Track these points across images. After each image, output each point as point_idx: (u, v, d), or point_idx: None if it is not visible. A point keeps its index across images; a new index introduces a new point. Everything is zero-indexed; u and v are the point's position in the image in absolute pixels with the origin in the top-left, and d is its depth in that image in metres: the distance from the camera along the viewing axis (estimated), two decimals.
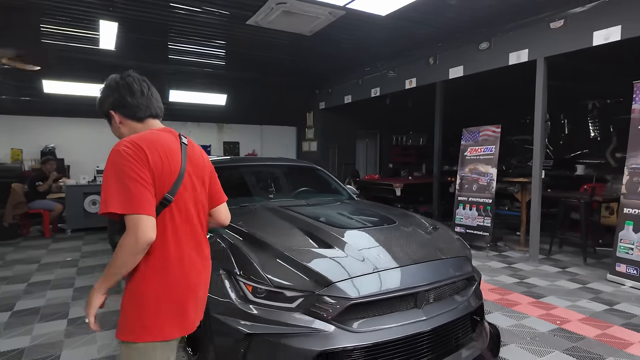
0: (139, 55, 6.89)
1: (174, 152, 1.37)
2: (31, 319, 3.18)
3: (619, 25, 4.05)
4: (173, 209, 1.32)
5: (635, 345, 2.74)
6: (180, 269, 1.33)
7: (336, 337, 1.98)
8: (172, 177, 1.32)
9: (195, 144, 1.56)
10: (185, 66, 7.65)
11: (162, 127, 1.48)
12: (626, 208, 4.13)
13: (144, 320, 1.28)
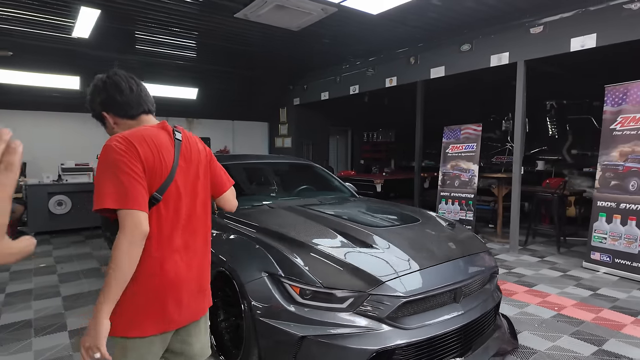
0: (109, 45, 6.45)
1: (166, 148, 1.35)
2: (25, 334, 2.91)
3: (594, 33, 4.40)
4: (160, 208, 1.30)
5: (628, 326, 3.03)
6: (160, 266, 1.30)
7: (389, 336, 2.01)
8: (163, 174, 1.31)
9: (191, 135, 1.53)
10: (155, 57, 7.26)
11: (157, 122, 1.45)
12: (599, 201, 4.53)
13: (122, 315, 1.26)
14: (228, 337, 2.55)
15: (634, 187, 4.22)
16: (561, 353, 2.61)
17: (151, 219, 1.27)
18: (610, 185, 4.44)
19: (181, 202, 1.36)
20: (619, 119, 4.41)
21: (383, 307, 2.03)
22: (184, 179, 1.38)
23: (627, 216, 4.26)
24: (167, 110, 8.92)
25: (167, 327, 1.34)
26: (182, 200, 1.36)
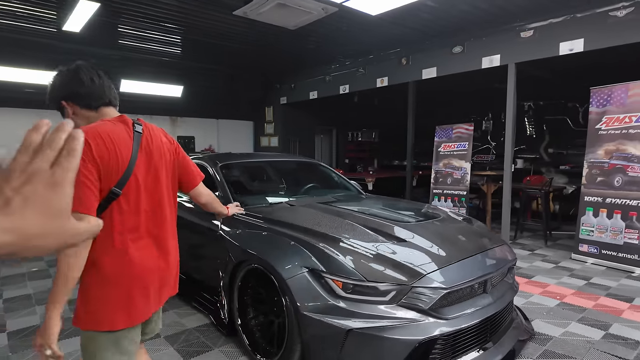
0: (96, 40, 6.23)
1: (124, 142, 1.35)
2: None
3: (582, 38, 4.67)
4: (121, 202, 1.33)
5: (626, 311, 3.26)
6: (125, 259, 1.33)
7: (431, 326, 2.08)
8: (120, 169, 1.32)
9: (154, 127, 1.55)
10: (139, 53, 7.06)
11: (117, 115, 1.46)
12: (586, 196, 4.81)
13: (92, 310, 1.32)
14: (259, 335, 2.55)
15: (619, 183, 4.52)
16: (574, 338, 2.78)
17: (112, 213, 1.31)
18: (597, 181, 4.73)
19: (142, 195, 1.39)
20: (604, 119, 4.71)
21: (425, 299, 2.10)
22: (145, 172, 1.40)
23: (613, 210, 4.56)
24: (150, 108, 8.69)
25: (136, 320, 1.38)
26: (143, 193, 1.39)
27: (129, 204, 1.34)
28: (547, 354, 2.57)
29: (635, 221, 4.37)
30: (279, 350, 2.33)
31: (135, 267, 1.35)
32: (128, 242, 1.35)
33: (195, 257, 3.39)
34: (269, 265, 2.32)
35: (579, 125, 8.23)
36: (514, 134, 5.52)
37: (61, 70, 1.42)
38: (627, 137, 4.48)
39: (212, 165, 3.57)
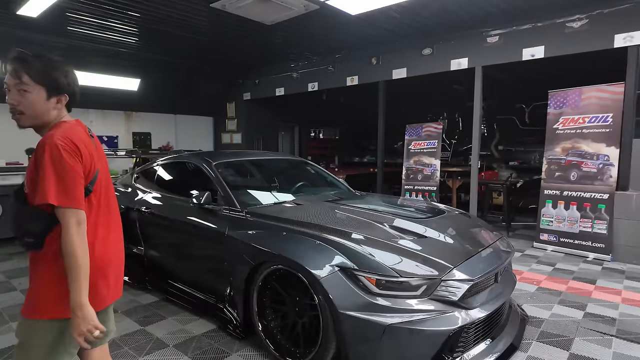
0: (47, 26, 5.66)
1: (90, 143, 1.50)
2: None
3: (543, 45, 5.12)
4: (92, 198, 1.47)
5: (594, 292, 3.66)
6: (92, 251, 1.41)
7: (460, 316, 2.20)
8: (93, 168, 1.46)
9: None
10: (92, 42, 6.51)
11: (73, 118, 1.55)
12: (546, 190, 5.29)
13: (57, 298, 1.38)
14: (281, 336, 2.52)
15: (575, 177, 5.03)
16: (561, 319, 3.08)
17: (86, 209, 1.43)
18: (555, 176, 5.22)
19: (103, 192, 1.54)
20: (561, 120, 5.20)
21: (454, 291, 2.22)
22: (102, 170, 1.55)
23: (569, 202, 5.06)
24: (102, 103, 8.09)
25: (100, 306, 1.47)
26: (104, 189, 1.55)
27: (97, 199, 1.49)
28: (544, 334, 2.82)
29: (589, 211, 4.89)
30: (308, 350, 2.34)
31: (99, 259, 1.46)
32: (96, 235, 1.47)
33: (196, 262, 3.26)
34: (299, 265, 2.30)
35: (525, 124, 8.98)
36: (480, 133, 5.89)
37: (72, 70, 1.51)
38: (581, 136, 5.00)
39: (206, 164, 3.45)
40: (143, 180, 4.19)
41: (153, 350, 2.63)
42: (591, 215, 4.87)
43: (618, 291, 3.68)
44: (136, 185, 4.16)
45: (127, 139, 8.71)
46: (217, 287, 3.04)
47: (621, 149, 4.68)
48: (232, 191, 3.16)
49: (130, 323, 3.05)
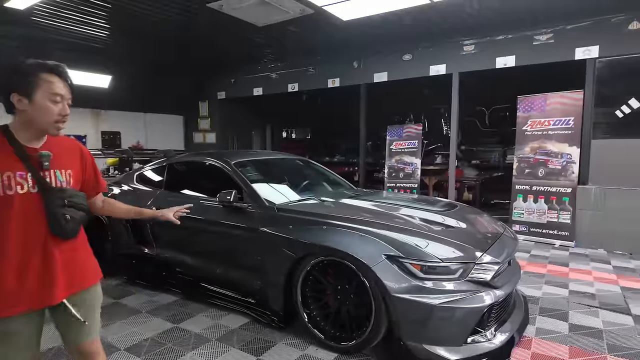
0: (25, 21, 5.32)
1: None
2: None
3: (514, 55, 5.69)
4: None
5: (570, 273, 4.19)
6: None
7: (490, 294, 2.51)
8: None
9: None
10: (60, 35, 6.17)
11: None
12: (517, 185, 5.88)
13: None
14: (326, 324, 2.69)
15: (542, 174, 5.65)
16: (552, 296, 3.53)
17: None
18: (525, 173, 5.81)
19: None
20: (529, 122, 5.80)
21: (485, 273, 2.53)
22: None
23: (538, 196, 5.68)
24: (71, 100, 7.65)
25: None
26: None
27: None
28: (543, 310, 3.24)
29: (555, 204, 5.52)
30: (355, 333, 2.54)
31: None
32: None
33: (223, 259, 3.33)
34: (349, 255, 2.49)
35: (486, 126, 9.76)
36: (457, 136, 6.38)
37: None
38: (547, 137, 5.62)
39: (225, 164, 3.52)
40: (148, 180, 4.15)
41: (198, 345, 2.69)
42: (557, 207, 5.50)
43: (589, 272, 4.25)
44: (140, 185, 4.11)
45: (96, 139, 8.31)
46: (247, 282, 3.14)
47: (581, 149, 5.35)
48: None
49: (160, 322, 3.06)
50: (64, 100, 1.53)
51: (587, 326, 2.95)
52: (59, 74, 1.51)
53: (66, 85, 1.54)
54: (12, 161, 1.44)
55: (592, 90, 5.26)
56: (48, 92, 1.47)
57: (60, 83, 1.51)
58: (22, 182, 1.45)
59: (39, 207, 1.47)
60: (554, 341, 2.74)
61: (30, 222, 1.46)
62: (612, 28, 5.03)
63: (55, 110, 1.49)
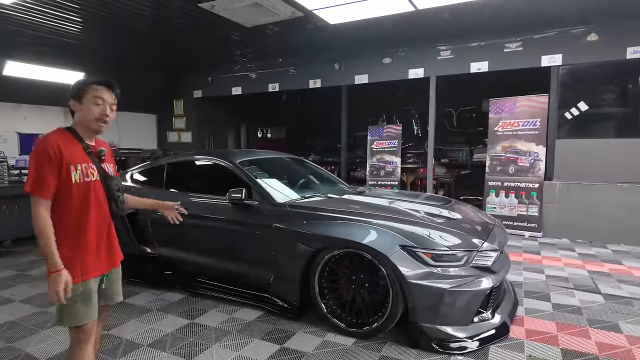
0: None
1: None
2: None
3: (487, 61, 6.13)
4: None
5: (544, 260, 4.64)
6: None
7: (491, 278, 2.80)
8: None
9: None
10: (30, 30, 5.89)
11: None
12: (490, 182, 6.34)
13: None
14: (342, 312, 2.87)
15: (512, 171, 6.13)
16: (533, 281, 3.92)
17: None
18: (497, 170, 6.28)
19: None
20: (500, 123, 6.27)
21: (487, 259, 2.82)
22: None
23: (509, 191, 6.16)
24: (39, 97, 7.37)
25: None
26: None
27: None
28: (528, 293, 3.60)
29: (524, 198, 6.02)
30: (371, 319, 2.74)
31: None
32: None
33: (234, 255, 3.41)
34: (366, 247, 2.69)
35: (454, 127, 10.30)
36: (434, 134, 6.77)
37: None
38: (517, 137, 6.11)
39: (230, 163, 3.61)
40: (146, 180, 4.14)
41: (220, 338, 2.79)
42: (526, 202, 6.01)
43: (558, 259, 4.72)
44: (137, 185, 4.10)
45: None
46: (259, 276, 3.26)
47: (547, 148, 5.87)
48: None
49: (175, 318, 3.11)
50: (105, 103, 1.83)
51: (567, 305, 3.33)
52: (104, 84, 1.85)
53: (110, 93, 1.86)
54: (84, 155, 1.82)
55: (556, 95, 5.79)
56: (92, 95, 1.81)
57: (104, 90, 1.84)
58: (93, 171, 1.83)
59: (103, 192, 1.86)
60: (541, 318, 3.08)
61: (101, 204, 1.85)
62: (573, 39, 5.57)
63: (96, 110, 1.81)
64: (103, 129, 1.86)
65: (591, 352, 2.57)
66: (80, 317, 1.74)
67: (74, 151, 1.77)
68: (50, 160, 1.69)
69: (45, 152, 1.69)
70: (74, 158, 1.75)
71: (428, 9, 4.96)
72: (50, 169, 1.69)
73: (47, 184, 1.69)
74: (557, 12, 5.10)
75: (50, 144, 1.70)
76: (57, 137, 1.75)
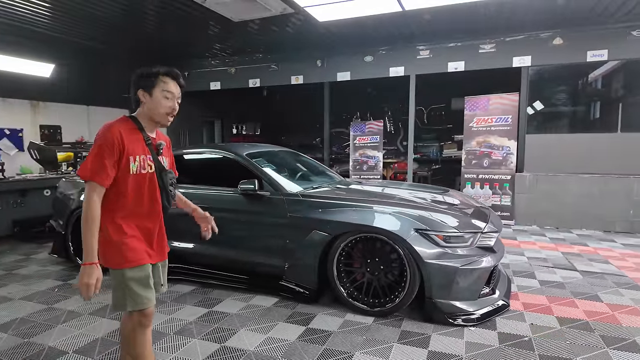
0: None
1: None
2: None
3: (463, 61, 6.53)
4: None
5: (521, 245, 5.06)
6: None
7: (493, 256, 3.09)
8: None
9: None
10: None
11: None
12: (465, 174, 6.76)
13: None
14: (358, 293, 3.05)
15: (486, 164, 6.58)
16: (517, 262, 4.30)
17: None
18: (472, 163, 6.71)
19: None
20: (475, 120, 6.70)
21: (489, 240, 3.10)
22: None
23: (483, 183, 6.60)
24: (4, 89, 6.89)
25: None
26: None
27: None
28: (515, 272, 3.96)
29: (498, 189, 6.48)
30: (388, 298, 2.93)
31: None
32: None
33: (248, 244, 3.48)
34: (385, 231, 2.89)
35: (424, 124, 10.78)
36: (413, 131, 7.10)
37: None
38: (490, 132, 6.56)
39: (238, 156, 3.68)
40: None
41: (245, 323, 2.87)
42: (499, 192, 6.47)
43: (533, 243, 5.17)
44: None
45: (34, 132, 7.54)
46: (273, 264, 3.36)
47: (518, 142, 6.36)
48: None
49: (192, 308, 3.15)
50: (174, 97, 1.86)
51: (552, 281, 3.71)
52: (172, 76, 1.86)
53: (176, 84, 1.87)
54: (143, 146, 1.83)
55: (526, 93, 6.28)
56: (162, 89, 1.82)
57: (173, 84, 1.85)
58: (150, 164, 1.80)
59: (156, 185, 1.86)
60: (532, 293, 3.42)
61: (155, 196, 1.86)
62: (541, 42, 6.08)
63: (167, 104, 1.84)
64: (170, 122, 1.88)
65: (582, 318, 2.92)
66: (142, 301, 1.76)
67: (135, 142, 1.78)
68: (112, 149, 1.69)
69: (110, 140, 1.70)
70: (134, 149, 1.76)
71: (413, 9, 5.24)
72: (111, 157, 1.69)
73: (106, 172, 1.69)
74: (526, 17, 5.53)
75: (115, 133, 1.72)
76: (121, 126, 1.77)
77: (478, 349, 2.50)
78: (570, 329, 2.74)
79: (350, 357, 2.41)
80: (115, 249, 1.74)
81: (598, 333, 2.68)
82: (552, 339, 2.61)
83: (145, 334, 1.84)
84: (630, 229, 5.70)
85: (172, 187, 1.94)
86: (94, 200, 1.68)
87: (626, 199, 5.69)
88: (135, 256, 1.76)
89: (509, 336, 2.66)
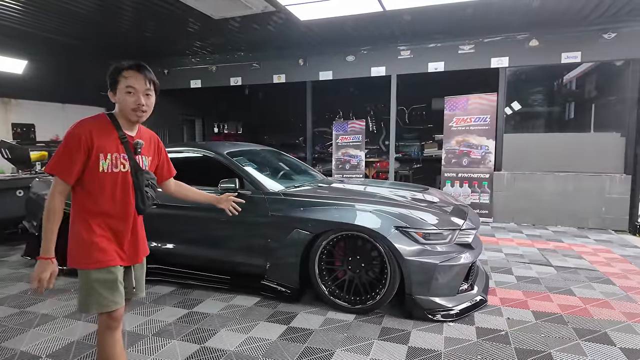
0: None
1: None
2: None
3: (443, 62, 6.62)
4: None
5: (499, 242, 5.17)
6: None
7: (472, 253, 3.14)
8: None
9: None
10: None
11: None
12: (445, 173, 6.86)
13: None
14: (339, 291, 3.06)
15: (466, 163, 6.70)
16: (495, 258, 4.39)
17: None
18: (452, 162, 6.82)
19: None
20: (454, 119, 6.81)
21: (467, 236, 3.15)
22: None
23: (463, 181, 6.72)
24: None
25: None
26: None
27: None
28: (494, 268, 4.04)
29: (477, 187, 6.61)
30: (369, 295, 2.96)
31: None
32: None
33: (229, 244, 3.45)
34: (366, 229, 2.91)
35: (406, 124, 10.90)
36: (395, 131, 7.17)
37: None
38: (469, 132, 6.68)
39: (219, 154, 3.64)
40: None
41: (225, 323, 2.84)
42: (478, 190, 6.60)
43: (510, 239, 5.29)
44: None
45: (6, 131, 7.29)
46: (253, 263, 3.34)
47: (496, 141, 6.49)
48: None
49: (172, 309, 3.10)
50: (137, 92, 1.76)
51: (527, 276, 3.80)
52: (136, 69, 1.76)
53: (144, 79, 1.77)
54: (118, 145, 1.76)
55: (504, 93, 6.42)
56: (124, 85, 1.74)
57: (134, 77, 1.75)
58: (124, 162, 1.76)
59: (130, 185, 1.79)
60: (509, 288, 3.50)
61: (127, 197, 1.79)
62: (518, 43, 6.22)
63: (130, 99, 1.75)
64: (142, 118, 1.81)
65: (556, 312, 3.00)
66: (107, 304, 1.70)
67: (108, 140, 1.72)
68: (79, 145, 1.65)
69: (77, 136, 1.65)
70: (105, 146, 1.70)
71: (394, 10, 5.29)
72: (77, 153, 1.65)
73: (70, 168, 1.65)
74: (502, 17, 5.64)
75: (84, 129, 1.67)
76: (93, 122, 1.72)
77: (456, 343, 2.54)
78: (545, 323, 2.82)
79: (331, 355, 2.41)
80: (83, 248, 1.69)
81: (571, 326, 2.77)
82: (528, 333, 2.68)
83: (114, 336, 1.79)
84: (602, 225, 5.89)
85: (150, 187, 1.85)
86: (56, 195, 1.65)
87: (598, 197, 5.89)
88: (104, 257, 1.70)
89: (487, 330, 2.72)
